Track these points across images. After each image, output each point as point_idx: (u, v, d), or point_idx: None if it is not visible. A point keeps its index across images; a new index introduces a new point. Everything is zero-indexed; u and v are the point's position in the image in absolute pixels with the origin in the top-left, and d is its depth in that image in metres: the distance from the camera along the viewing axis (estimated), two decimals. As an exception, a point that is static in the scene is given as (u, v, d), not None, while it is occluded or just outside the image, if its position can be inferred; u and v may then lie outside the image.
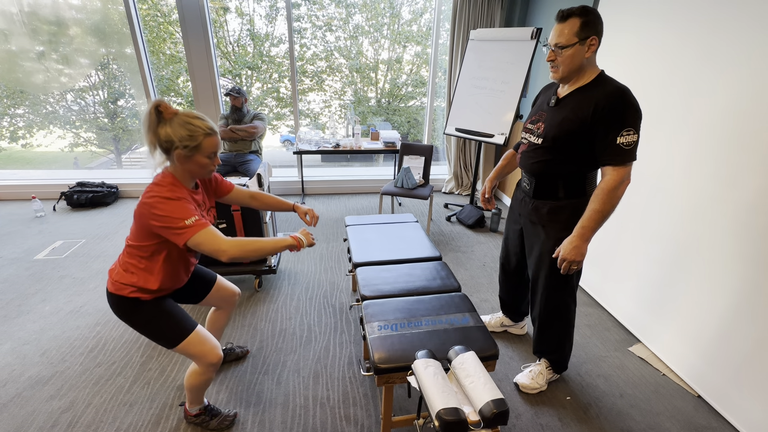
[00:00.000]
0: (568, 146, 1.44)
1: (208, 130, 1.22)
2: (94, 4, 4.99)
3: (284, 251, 1.31)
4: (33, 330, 2.11)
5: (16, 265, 2.74)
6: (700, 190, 1.77)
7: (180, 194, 1.22)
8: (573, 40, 1.33)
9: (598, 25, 1.34)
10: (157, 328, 1.34)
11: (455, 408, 1.06)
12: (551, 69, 1.44)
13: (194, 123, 1.20)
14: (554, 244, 1.55)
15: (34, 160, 6.66)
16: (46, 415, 1.62)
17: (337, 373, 1.88)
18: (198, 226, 1.19)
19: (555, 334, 1.74)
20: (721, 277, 1.67)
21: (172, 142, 1.19)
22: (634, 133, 1.32)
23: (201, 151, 1.22)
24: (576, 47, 1.34)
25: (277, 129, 7.33)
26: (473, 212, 3.61)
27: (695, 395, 1.79)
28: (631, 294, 2.20)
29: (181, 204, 1.20)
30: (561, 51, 1.36)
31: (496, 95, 3.32)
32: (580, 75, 1.42)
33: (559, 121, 1.44)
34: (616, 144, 1.32)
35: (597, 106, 1.34)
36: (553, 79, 1.46)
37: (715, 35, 1.69)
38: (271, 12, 6.58)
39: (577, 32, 1.32)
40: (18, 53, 5.04)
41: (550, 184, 1.54)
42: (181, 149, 1.19)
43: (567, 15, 1.34)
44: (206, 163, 1.26)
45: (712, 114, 1.71)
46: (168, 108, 1.19)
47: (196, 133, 1.20)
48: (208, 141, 1.22)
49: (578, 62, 1.37)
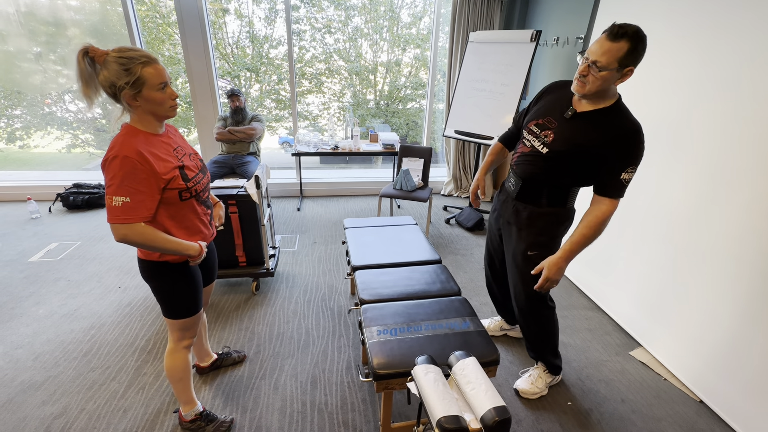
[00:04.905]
0: (573, 164, 1.42)
1: (145, 59, 1.09)
2: (93, 5, 4.97)
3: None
4: (26, 334, 2.08)
5: (10, 267, 2.70)
6: (701, 193, 1.76)
7: (130, 164, 1.07)
8: (613, 65, 1.23)
9: (641, 55, 1.25)
10: (175, 294, 1.32)
11: (456, 416, 1.04)
12: (577, 81, 1.33)
13: (127, 55, 1.07)
14: (526, 247, 1.57)
15: (31, 161, 6.61)
16: (38, 420, 1.59)
17: (335, 377, 1.85)
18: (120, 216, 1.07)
19: (536, 335, 1.75)
20: (724, 280, 1.66)
21: (114, 83, 1.07)
22: (633, 171, 1.34)
23: (147, 85, 1.10)
24: (612, 72, 1.25)
25: (275, 131, 7.31)
26: (472, 215, 3.59)
27: (697, 400, 1.77)
28: (631, 297, 2.18)
29: (125, 174, 1.06)
30: (597, 70, 1.26)
31: (496, 97, 3.32)
32: (601, 96, 1.35)
33: (571, 138, 1.39)
34: (620, 179, 1.34)
35: (615, 138, 1.32)
36: (576, 91, 1.36)
37: (718, 38, 1.68)
38: (270, 14, 6.57)
39: (621, 58, 1.22)
40: (15, 54, 5.01)
41: (536, 190, 1.53)
42: (126, 89, 1.08)
43: (620, 35, 1.21)
44: (160, 97, 1.13)
45: (714, 117, 1.70)
46: (97, 50, 1.07)
47: (131, 64, 1.07)
48: (148, 70, 1.09)
49: (607, 87, 1.30)
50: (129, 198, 1.08)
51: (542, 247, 1.55)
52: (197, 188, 1.27)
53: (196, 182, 1.27)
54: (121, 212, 1.08)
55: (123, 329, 2.14)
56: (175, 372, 1.44)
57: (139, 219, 1.11)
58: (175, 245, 1.20)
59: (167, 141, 1.23)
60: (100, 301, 2.39)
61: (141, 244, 1.14)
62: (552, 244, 1.56)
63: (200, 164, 1.36)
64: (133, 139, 1.12)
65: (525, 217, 1.57)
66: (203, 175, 1.34)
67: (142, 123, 1.17)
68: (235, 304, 2.40)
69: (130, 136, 1.12)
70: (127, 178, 1.07)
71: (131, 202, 1.08)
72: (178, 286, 1.32)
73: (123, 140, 1.10)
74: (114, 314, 2.26)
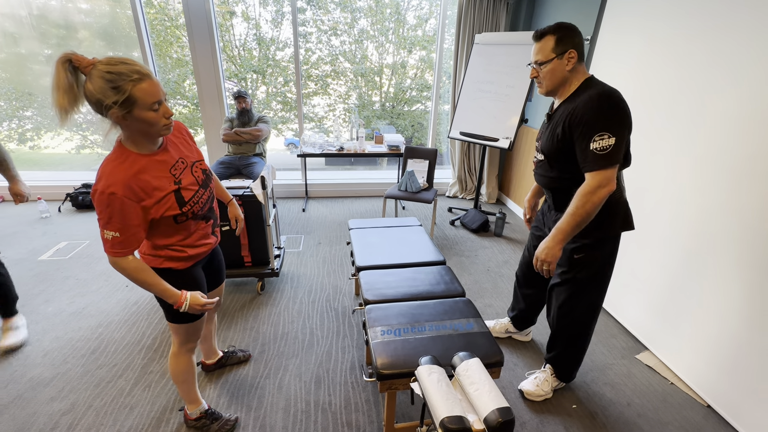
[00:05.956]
0: (562, 159, 1.44)
1: (136, 75, 0.96)
2: (103, 8, 5.04)
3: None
4: (35, 331, 2.11)
5: (20, 266, 2.75)
6: (709, 196, 1.74)
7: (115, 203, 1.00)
8: (550, 56, 1.39)
9: (574, 38, 1.39)
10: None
11: (460, 416, 1.04)
12: (537, 85, 1.50)
13: (116, 69, 0.94)
14: (570, 254, 1.55)
15: (41, 162, 6.71)
16: (47, 417, 1.61)
17: (339, 377, 1.85)
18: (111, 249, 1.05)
19: (567, 343, 1.72)
20: (731, 283, 1.64)
21: (100, 101, 0.94)
22: (609, 136, 1.26)
23: (138, 104, 0.97)
24: (554, 62, 1.40)
25: (281, 132, 7.35)
26: (477, 216, 3.59)
27: (705, 405, 1.75)
28: (638, 300, 2.16)
29: (111, 212, 1.01)
30: (541, 67, 1.43)
31: (501, 99, 3.31)
32: (566, 87, 1.44)
33: (549, 136, 1.47)
34: (590, 150, 1.30)
35: (572, 113, 1.35)
36: (540, 94, 1.52)
37: (726, 38, 1.67)
38: (276, 16, 6.63)
39: (553, 48, 1.39)
40: (27, 56, 5.10)
41: (566, 196, 1.50)
42: (114, 108, 0.96)
43: (542, 34, 1.41)
44: (152, 117, 1.01)
45: (722, 119, 1.69)
46: (82, 59, 0.94)
47: (120, 81, 0.94)
48: (140, 88, 0.96)
49: (560, 76, 1.41)
50: (119, 233, 1.04)
51: (588, 248, 1.52)
52: (195, 209, 1.20)
53: (194, 202, 1.20)
54: (111, 246, 1.06)
55: (130, 327, 2.16)
56: (179, 374, 1.45)
57: (129, 252, 1.09)
58: (160, 289, 1.15)
59: (163, 158, 1.13)
60: (108, 299, 2.42)
61: (127, 274, 1.10)
62: (597, 245, 1.51)
63: (203, 176, 1.26)
64: (122, 166, 1.03)
65: None
66: (204, 189, 1.25)
67: (133, 143, 1.08)
68: (240, 303, 2.41)
69: (119, 162, 1.04)
70: (115, 215, 1.02)
71: (120, 236, 1.05)
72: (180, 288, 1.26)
73: (111, 170, 1.02)
74: (121, 312, 2.29)
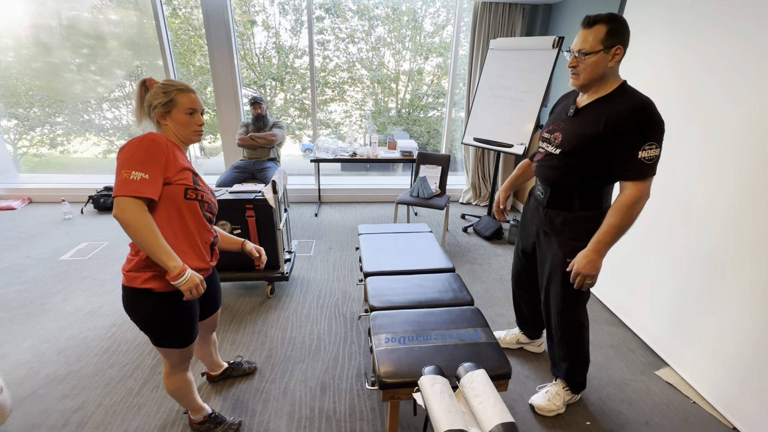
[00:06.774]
0: (586, 158, 1.39)
1: (182, 87, 1.23)
2: (131, 19, 5.25)
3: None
4: (53, 329, 2.17)
5: (42, 265, 2.84)
6: (731, 204, 1.66)
7: (157, 147, 1.14)
8: (597, 47, 1.29)
9: (624, 34, 1.29)
10: (161, 325, 1.25)
11: (462, 430, 1.00)
12: (572, 75, 1.39)
13: (168, 83, 1.23)
14: (566, 255, 1.49)
15: (69, 166, 6.99)
16: (59, 413, 1.64)
17: (344, 384, 1.83)
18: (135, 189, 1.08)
19: (569, 351, 1.66)
20: (760, 296, 1.54)
21: (151, 102, 1.21)
22: (656, 147, 1.26)
23: (177, 107, 1.22)
24: (600, 55, 1.30)
25: (299, 138, 7.45)
26: (491, 223, 3.52)
27: (730, 427, 1.64)
28: (658, 313, 2.06)
29: (149, 153, 1.12)
30: (584, 58, 1.32)
31: (516, 105, 3.26)
32: (601, 84, 1.37)
33: (576, 132, 1.40)
34: (638, 158, 1.27)
35: (617, 119, 1.29)
36: (572, 86, 1.42)
37: (746, 46, 1.60)
38: (296, 25, 6.75)
39: (603, 40, 1.28)
40: (59, 65, 5.35)
41: (566, 194, 1.49)
42: (159, 108, 1.21)
43: (593, 21, 1.30)
44: (186, 120, 1.24)
45: (742, 126, 1.61)
46: (152, 80, 1.24)
47: (169, 89, 1.21)
48: (183, 96, 1.22)
49: (600, 71, 1.33)
50: (148, 175, 1.12)
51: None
52: (204, 196, 1.29)
53: (204, 192, 1.30)
54: (138, 186, 1.09)
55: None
56: (176, 392, 1.44)
57: (150, 194, 1.11)
58: (159, 248, 1.11)
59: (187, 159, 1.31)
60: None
61: (135, 224, 1.08)
62: None
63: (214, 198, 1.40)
64: (165, 141, 1.21)
65: (559, 222, 1.51)
66: (211, 196, 1.37)
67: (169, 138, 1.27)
68: (249, 306, 2.43)
69: (163, 139, 1.22)
70: (151, 158, 1.13)
71: (149, 178, 1.12)
72: (162, 315, 1.24)
73: (152, 132, 1.20)
74: (135, 313, 2.33)
